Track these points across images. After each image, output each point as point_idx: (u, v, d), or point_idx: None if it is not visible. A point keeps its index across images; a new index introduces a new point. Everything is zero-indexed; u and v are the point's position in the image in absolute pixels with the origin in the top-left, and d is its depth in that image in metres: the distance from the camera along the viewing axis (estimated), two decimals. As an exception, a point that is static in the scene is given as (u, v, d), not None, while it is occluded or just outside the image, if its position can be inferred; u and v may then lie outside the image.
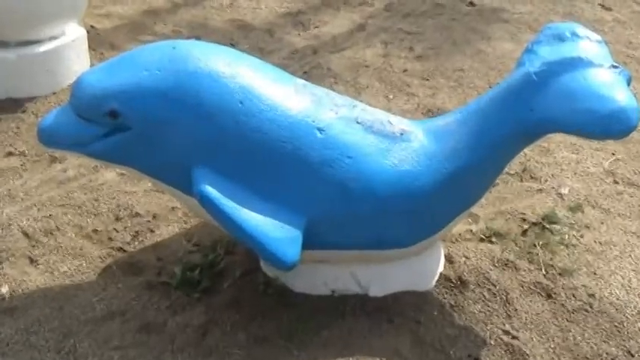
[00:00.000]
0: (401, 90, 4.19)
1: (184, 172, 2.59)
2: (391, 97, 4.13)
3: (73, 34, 4.08)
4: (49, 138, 2.71)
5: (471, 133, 2.76)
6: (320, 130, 2.65)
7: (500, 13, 5.02)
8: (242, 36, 4.66)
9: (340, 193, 2.63)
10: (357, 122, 2.72)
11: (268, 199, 2.59)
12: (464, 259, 3.06)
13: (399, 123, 2.80)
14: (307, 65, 4.34)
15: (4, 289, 2.90)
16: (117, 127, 2.60)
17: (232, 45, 4.57)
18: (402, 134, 2.75)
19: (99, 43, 4.43)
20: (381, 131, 2.74)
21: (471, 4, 5.14)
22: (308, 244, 2.58)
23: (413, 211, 2.69)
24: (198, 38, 4.60)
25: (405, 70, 4.35)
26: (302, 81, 2.80)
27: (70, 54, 4.06)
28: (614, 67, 2.72)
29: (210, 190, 2.52)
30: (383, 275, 2.88)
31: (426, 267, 2.96)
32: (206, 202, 2.52)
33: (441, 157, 2.73)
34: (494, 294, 2.92)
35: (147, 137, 2.58)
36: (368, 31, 4.76)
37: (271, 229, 2.54)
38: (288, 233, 2.56)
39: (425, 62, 4.44)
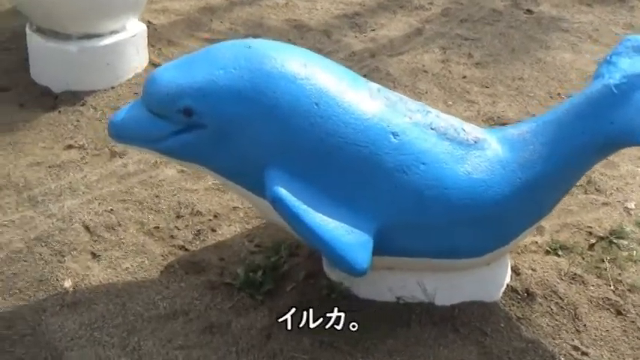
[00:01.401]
0: (461, 97, 4.14)
1: (256, 173, 2.56)
2: (450, 103, 4.08)
3: (133, 29, 4.07)
4: (120, 133, 2.69)
5: (547, 143, 2.71)
6: (395, 135, 2.61)
7: (559, 22, 4.95)
8: (298, 36, 4.63)
9: (414, 199, 2.58)
10: (431, 128, 2.68)
11: (340, 204, 2.55)
12: (530, 271, 3.01)
13: (472, 130, 2.75)
14: (366, 68, 4.29)
15: (68, 284, 2.89)
16: (190, 124, 2.57)
17: (289, 45, 4.54)
18: (475, 142, 2.70)
19: (156, 38, 4.42)
20: (455, 138, 2.69)
21: (529, 11, 5.08)
22: (378, 250, 2.54)
23: (485, 220, 2.64)
24: (255, 37, 4.58)
25: (464, 77, 4.29)
26: (376, 85, 2.76)
27: (130, 49, 4.05)
28: (697, 81, 2.66)
29: (283, 192, 2.49)
30: (450, 284, 2.83)
31: (493, 277, 2.91)
32: (279, 204, 2.49)
33: (514, 167, 2.68)
34: (562, 308, 2.87)
35: (220, 136, 2.56)
36: (425, 36, 4.71)
37: (343, 233, 2.50)
38: (359, 238, 2.52)
39: (484, 69, 4.39)
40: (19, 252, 3.02)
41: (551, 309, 2.87)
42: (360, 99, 2.63)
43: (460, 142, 2.69)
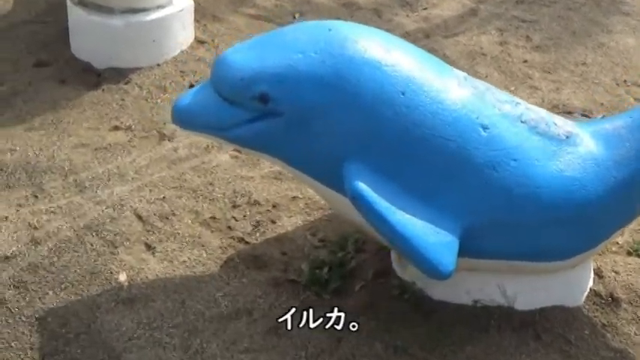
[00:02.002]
0: (523, 82, 3.93)
1: (335, 166, 2.37)
2: (513, 89, 3.87)
3: (180, 4, 3.84)
4: (186, 119, 2.49)
5: (644, 139, 2.53)
6: (484, 128, 2.41)
7: (619, 5, 4.72)
8: (348, 14, 4.41)
9: (503, 198, 2.40)
10: (521, 121, 2.49)
11: (425, 201, 2.37)
12: (613, 273, 2.81)
13: (564, 124, 2.55)
14: (421, 50, 4.08)
15: (123, 277, 2.71)
16: (265, 112, 2.38)
17: (339, 23, 4.32)
18: (567, 137, 2.51)
19: (200, 14, 4.19)
20: (546, 132, 2.50)
21: (586, -7, 4.84)
22: (461, 251, 2.36)
23: (577, 221, 2.46)
24: (302, 14, 4.37)
25: (524, 61, 4.08)
26: (462, 72, 2.56)
27: (177, 25, 3.83)
28: None
29: (364, 188, 2.31)
30: (531, 287, 2.64)
31: (576, 281, 2.72)
32: (359, 200, 2.31)
33: (609, 164, 2.49)
34: (650, 315, 2.69)
35: (298, 126, 2.36)
36: (480, 17, 4.49)
37: (427, 233, 2.32)
38: (444, 239, 2.34)
39: (545, 53, 4.17)
40: (68, 241, 2.84)
41: (638, 316, 2.68)
42: (447, 88, 2.43)
43: (551, 137, 2.49)
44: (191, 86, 3.69)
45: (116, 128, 3.43)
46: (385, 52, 2.40)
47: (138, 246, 2.84)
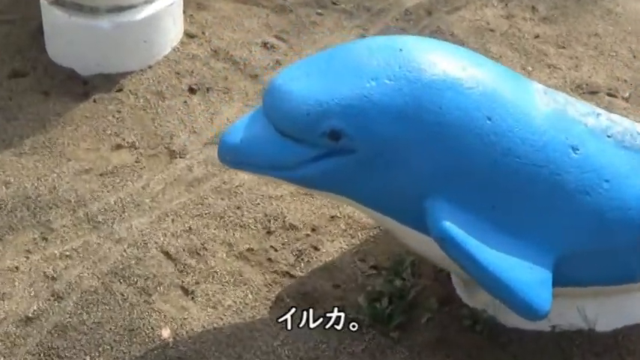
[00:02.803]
0: (539, 60, 3.70)
1: (415, 204, 2.12)
2: (530, 69, 3.64)
3: (169, -3, 3.47)
4: (239, 158, 2.19)
5: None
6: (574, 149, 2.18)
7: (615, -34, 4.51)
8: (339, -7, 4.10)
9: (596, 224, 2.19)
10: (608, 136, 2.26)
11: (516, 236, 2.15)
12: (688, 280, 2.65)
13: (647, 133, 2.34)
14: (427, 29, 3.80)
15: (166, 333, 2.41)
16: (335, 149, 2.09)
17: (334, 4, 4.00)
18: (653, 148, 2.30)
19: (185, 3, 3.78)
20: (633, 145, 2.28)
21: (579, -48, 4.61)
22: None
23: (670, 239, 2.28)
24: (291, -5, 4.02)
25: (536, 36, 3.84)
26: (540, 85, 2.31)
27: (168, 20, 3.45)
28: None
29: (454, 229, 2.07)
30: (612, 307, 2.46)
31: (656, 294, 2.56)
32: (448, 242, 2.07)
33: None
34: None
35: (374, 162, 2.09)
36: (479, -13, 4.23)
37: (523, 272, 2.12)
38: (539, 276, 2.14)
39: (554, 25, 3.93)
40: (94, 292, 2.52)
41: None
42: (531, 106, 2.18)
43: (638, 149, 2.28)
44: (190, 90, 3.35)
45: (119, 147, 3.07)
46: (464, 72, 2.13)
47: (174, 291, 2.54)
